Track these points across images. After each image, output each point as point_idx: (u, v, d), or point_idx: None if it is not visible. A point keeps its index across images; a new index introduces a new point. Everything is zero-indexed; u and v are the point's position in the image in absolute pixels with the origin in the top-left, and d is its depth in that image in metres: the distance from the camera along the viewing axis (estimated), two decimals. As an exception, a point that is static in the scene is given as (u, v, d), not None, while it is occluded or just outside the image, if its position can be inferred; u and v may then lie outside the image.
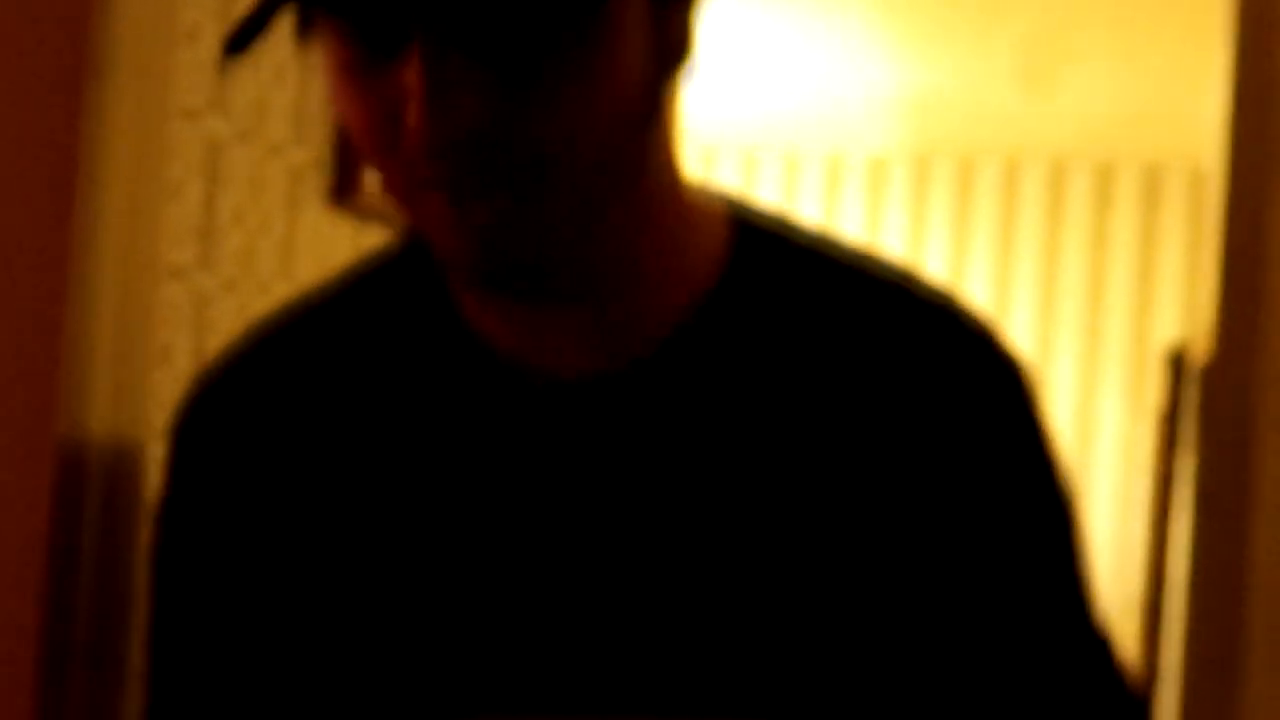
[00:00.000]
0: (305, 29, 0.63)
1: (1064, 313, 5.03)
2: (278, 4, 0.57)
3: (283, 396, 0.70)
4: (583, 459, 0.65)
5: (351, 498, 0.68)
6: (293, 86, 1.27)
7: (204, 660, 0.72)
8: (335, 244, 1.38)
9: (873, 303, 0.67)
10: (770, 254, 0.68)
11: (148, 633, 0.76)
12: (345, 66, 0.58)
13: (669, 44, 0.61)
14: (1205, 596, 1.78)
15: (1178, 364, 2.11)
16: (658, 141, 0.64)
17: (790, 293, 0.67)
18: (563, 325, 0.64)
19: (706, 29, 2.32)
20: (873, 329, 0.66)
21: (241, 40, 0.60)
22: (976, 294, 5.19)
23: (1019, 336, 5.06)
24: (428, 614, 0.67)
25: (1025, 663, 0.66)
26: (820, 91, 4.57)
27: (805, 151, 5.42)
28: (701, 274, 0.66)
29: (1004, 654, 0.65)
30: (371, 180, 1.38)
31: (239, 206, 1.20)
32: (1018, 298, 5.17)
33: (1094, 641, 0.68)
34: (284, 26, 0.63)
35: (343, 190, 1.36)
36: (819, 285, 0.67)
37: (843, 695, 0.64)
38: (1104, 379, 4.87)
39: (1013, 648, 0.66)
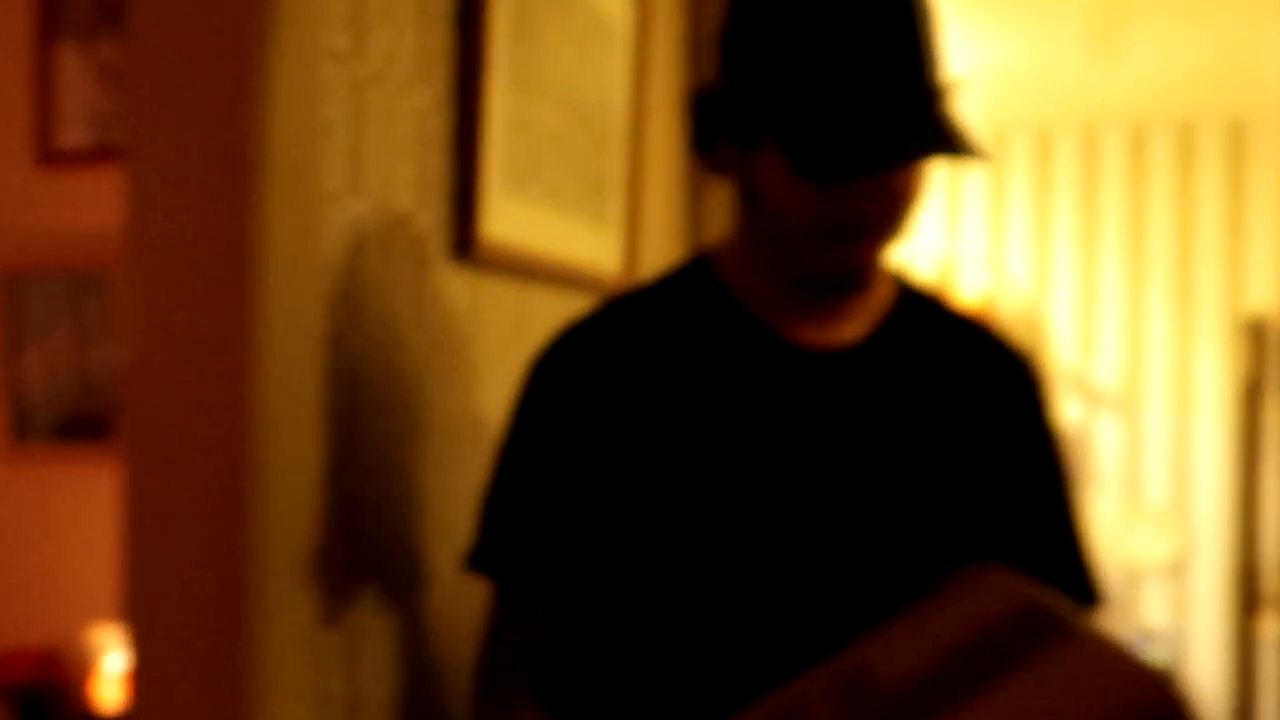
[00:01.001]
0: (752, 146, 1.08)
1: (1153, 275, 5.01)
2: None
3: (624, 345, 1.16)
4: (834, 393, 1.14)
5: (667, 417, 1.12)
6: (414, 159, 1.42)
7: (555, 491, 1.15)
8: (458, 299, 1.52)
9: (963, 322, 1.23)
10: (913, 294, 1.22)
11: (511, 462, 1.19)
12: (794, 181, 1.05)
13: None
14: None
15: (1260, 334, 2.16)
16: None
17: (927, 315, 1.21)
18: (826, 317, 1.15)
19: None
20: (966, 335, 1.22)
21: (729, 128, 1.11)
22: (1063, 263, 5.20)
23: (1108, 301, 5.06)
24: (710, 497, 1.10)
25: (1039, 536, 1.19)
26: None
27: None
28: (888, 298, 1.19)
29: (1025, 523, 1.18)
30: (487, 234, 1.52)
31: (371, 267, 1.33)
32: (1105, 264, 5.16)
33: (1076, 534, 1.21)
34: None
35: (463, 247, 1.50)
36: (939, 313, 1.23)
37: (945, 543, 1.12)
38: (1197, 342, 4.83)
39: (1032, 526, 1.19)
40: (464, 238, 1.48)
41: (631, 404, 1.13)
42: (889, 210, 1.07)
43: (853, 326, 1.16)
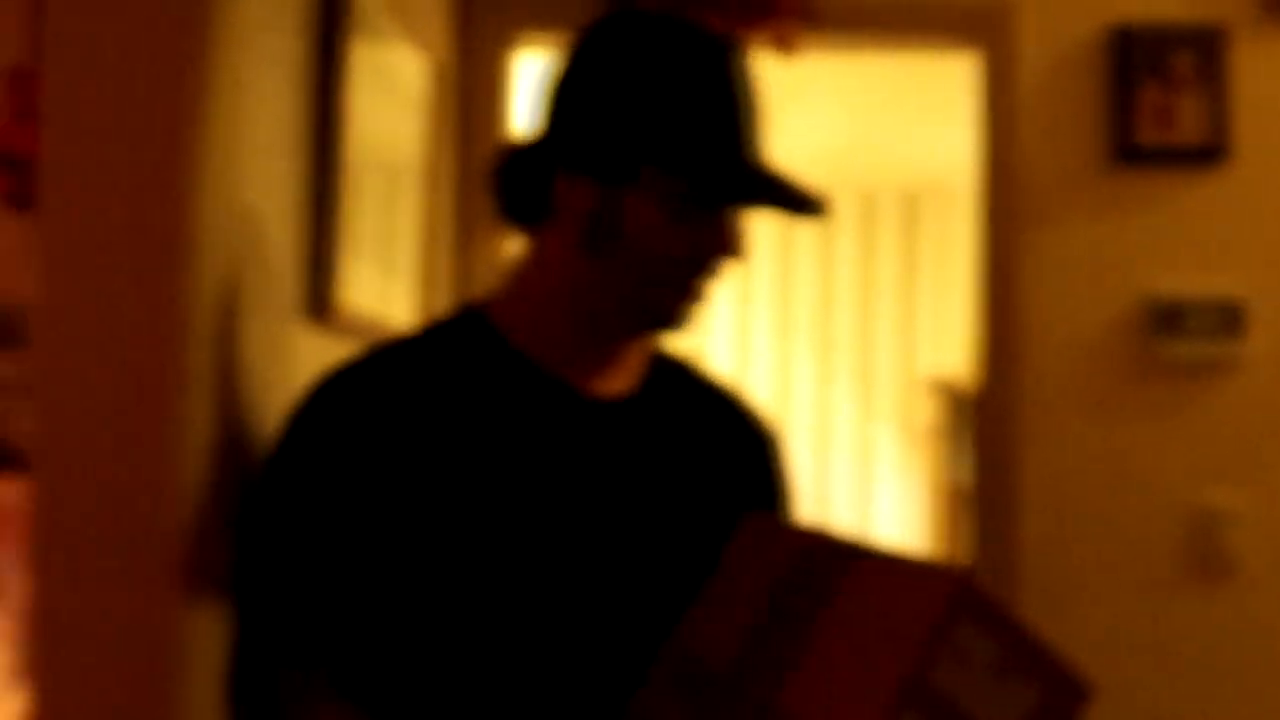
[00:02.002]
0: (625, 181, 1.12)
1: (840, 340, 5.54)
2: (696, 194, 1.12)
3: (397, 396, 1.14)
4: (616, 440, 1.20)
5: (450, 465, 1.12)
6: (284, 221, 1.45)
7: (344, 565, 1.12)
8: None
9: (708, 384, 1.32)
10: (666, 358, 1.29)
11: (275, 546, 1.15)
12: (678, 211, 1.11)
13: None
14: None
15: (949, 393, 2.53)
16: None
17: (677, 370, 1.29)
18: (603, 367, 1.19)
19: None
20: (711, 396, 1.31)
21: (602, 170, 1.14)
22: (760, 327, 5.59)
23: (800, 358, 5.52)
24: (503, 547, 1.11)
25: None
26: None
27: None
28: (645, 353, 1.24)
29: None
30: (340, 297, 1.57)
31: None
32: (798, 329, 5.63)
33: None
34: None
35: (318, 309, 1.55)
36: (685, 368, 1.31)
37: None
38: (877, 398, 5.41)
39: None
40: (320, 300, 1.54)
41: (412, 453, 1.13)
42: (736, 253, 1.15)
43: (623, 378, 1.22)
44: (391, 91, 1.88)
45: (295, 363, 1.51)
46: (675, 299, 1.16)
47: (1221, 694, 2.36)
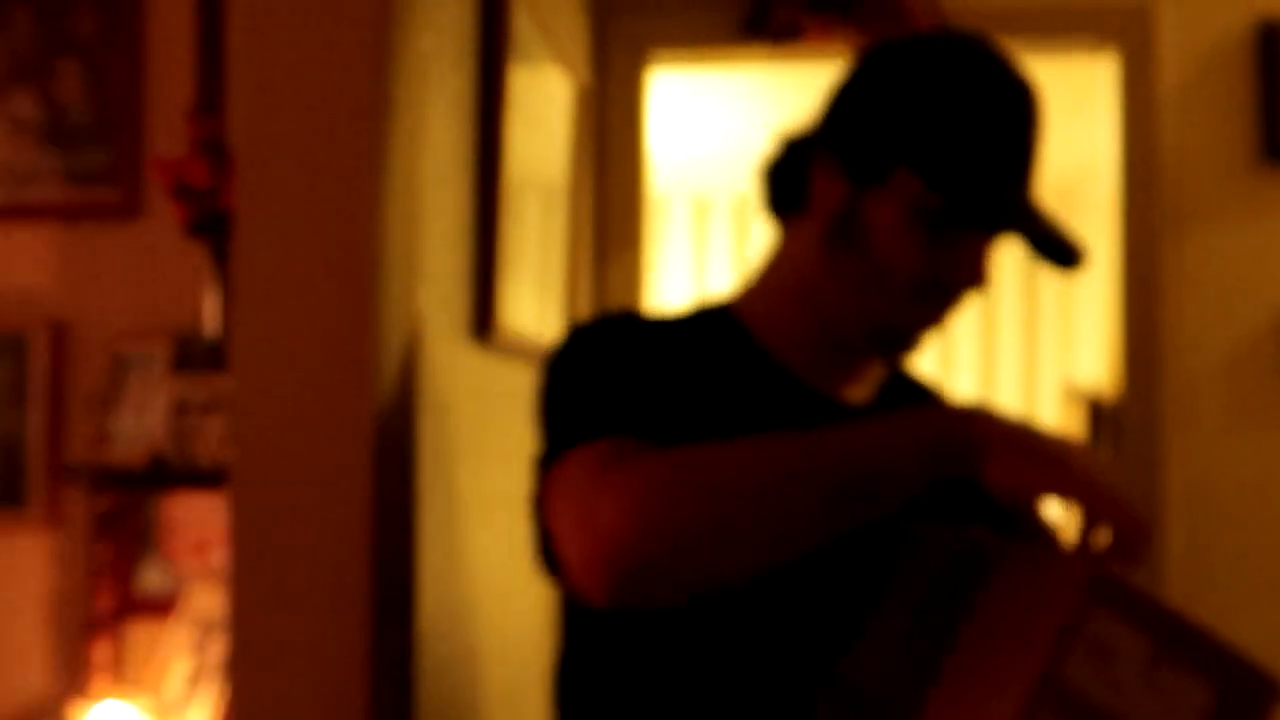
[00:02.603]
0: (874, 181, 1.09)
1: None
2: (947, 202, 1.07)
3: (654, 346, 1.11)
4: None
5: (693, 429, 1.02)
6: (451, 251, 1.51)
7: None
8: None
9: (921, 387, 1.29)
10: (900, 373, 1.27)
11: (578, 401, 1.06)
12: (917, 219, 1.07)
13: None
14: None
15: (1088, 403, 2.50)
16: None
17: (909, 383, 1.27)
18: (845, 375, 1.17)
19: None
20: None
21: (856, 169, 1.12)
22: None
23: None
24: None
25: None
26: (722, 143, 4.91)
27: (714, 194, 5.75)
28: (883, 368, 1.21)
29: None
30: (501, 319, 1.62)
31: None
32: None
33: None
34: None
35: (482, 330, 1.59)
36: (923, 392, 1.28)
37: None
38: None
39: None
40: (484, 322, 1.58)
41: (669, 404, 1.06)
42: (977, 283, 1.10)
43: (862, 389, 1.19)
44: (543, 115, 1.93)
45: (463, 383, 1.56)
46: (906, 316, 1.11)
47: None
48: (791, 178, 1.16)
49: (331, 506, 1.23)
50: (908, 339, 1.13)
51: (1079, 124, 2.27)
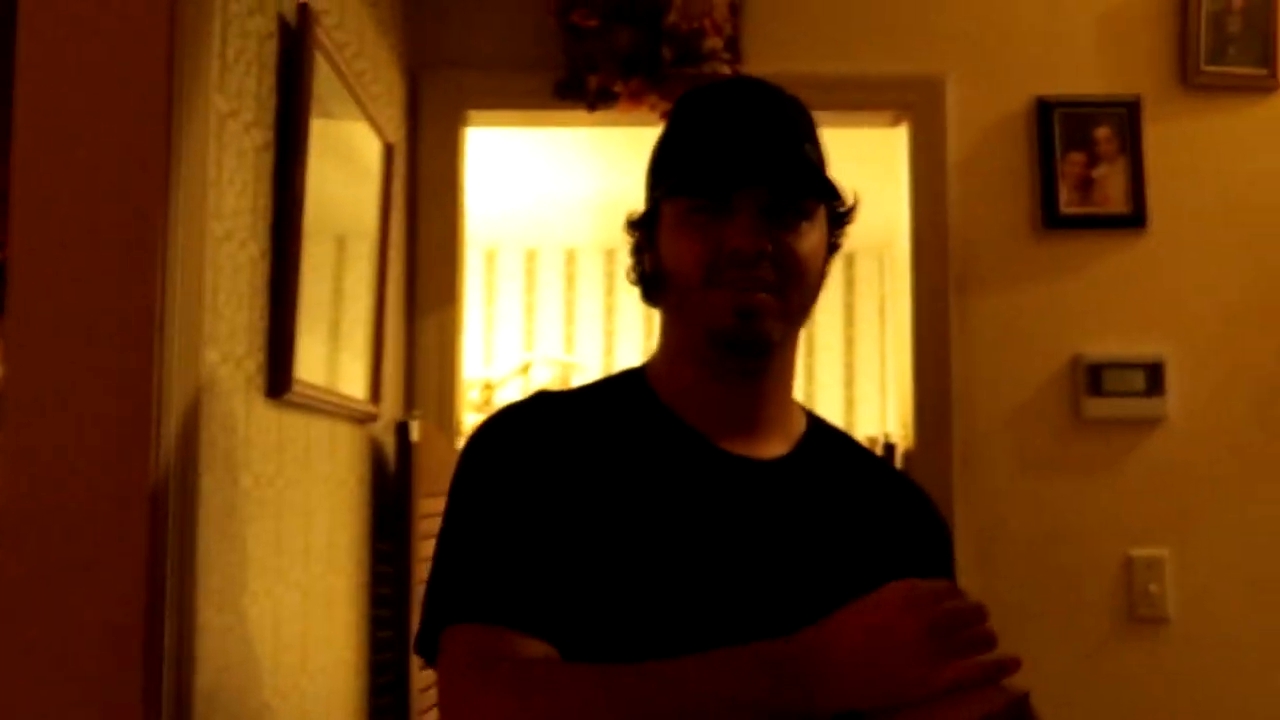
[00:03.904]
0: (660, 201, 1.21)
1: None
2: (660, 196, 1.21)
3: (561, 431, 1.17)
4: (760, 498, 1.19)
5: (603, 506, 1.13)
6: (247, 308, 1.52)
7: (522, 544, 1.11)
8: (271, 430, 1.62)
9: (864, 452, 1.34)
10: (822, 425, 1.32)
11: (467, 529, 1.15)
12: (686, 223, 1.17)
13: (831, 245, 1.26)
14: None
15: (885, 451, 2.62)
16: (798, 332, 1.25)
17: (836, 443, 1.31)
18: (751, 432, 1.22)
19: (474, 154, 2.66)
20: (869, 464, 1.33)
21: (641, 225, 1.26)
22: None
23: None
24: (647, 589, 1.11)
25: None
26: (547, 195, 4.97)
27: (536, 242, 5.80)
28: (800, 428, 1.28)
29: None
30: (297, 375, 1.63)
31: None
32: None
33: None
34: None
35: (277, 387, 1.60)
36: (847, 442, 1.33)
37: None
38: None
39: None
40: (279, 380, 1.59)
41: (578, 480, 1.14)
42: (765, 250, 1.15)
43: (774, 446, 1.23)
44: (349, 171, 1.95)
45: (257, 440, 1.56)
46: (717, 304, 1.17)
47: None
48: (639, 268, 1.28)
49: (106, 566, 1.22)
50: (740, 330, 1.17)
51: (886, 190, 2.41)
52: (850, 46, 2.58)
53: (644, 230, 1.25)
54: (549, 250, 5.86)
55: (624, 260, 1.30)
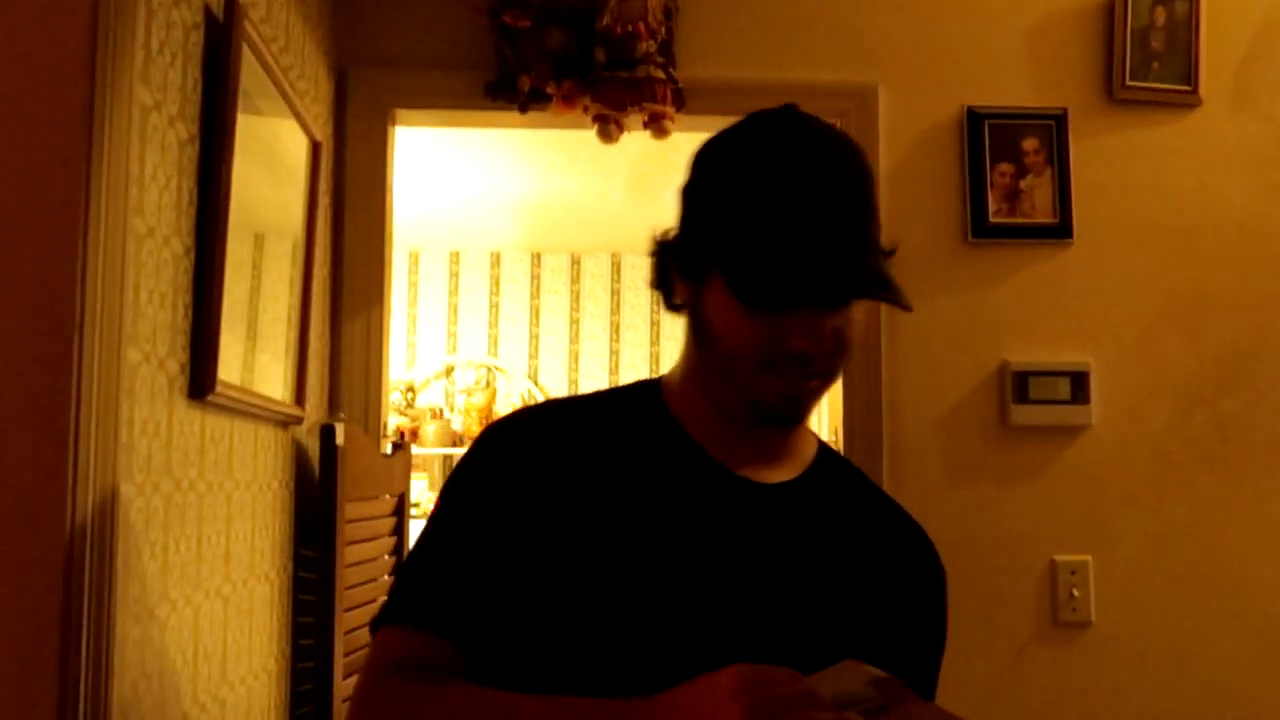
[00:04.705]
0: (702, 279, 1.15)
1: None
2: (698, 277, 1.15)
3: (571, 438, 1.17)
4: (764, 522, 1.17)
5: (601, 515, 1.13)
6: (169, 307, 1.47)
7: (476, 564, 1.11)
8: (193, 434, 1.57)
9: (871, 487, 1.30)
10: (832, 454, 1.29)
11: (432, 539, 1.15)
12: (746, 311, 1.10)
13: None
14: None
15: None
16: None
17: (844, 473, 1.28)
18: (760, 456, 1.20)
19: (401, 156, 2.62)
20: (874, 499, 1.29)
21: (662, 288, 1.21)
22: (588, 362, 5.70)
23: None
24: (636, 601, 1.10)
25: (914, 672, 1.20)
26: (472, 197, 4.92)
27: (460, 244, 5.74)
28: (811, 453, 1.26)
29: (906, 665, 1.16)
30: (221, 376, 1.58)
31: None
32: (626, 366, 5.73)
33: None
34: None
35: (199, 389, 1.56)
36: (854, 474, 1.30)
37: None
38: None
39: (911, 666, 1.19)
40: (202, 381, 1.54)
41: (569, 493, 1.14)
42: (825, 349, 1.12)
43: (782, 471, 1.22)
44: (274, 168, 1.90)
45: (179, 442, 1.51)
46: (766, 389, 1.13)
47: (1076, 744, 2.47)
48: (662, 279, 1.22)
49: (20, 574, 1.17)
50: (783, 411, 1.16)
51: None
52: (783, 53, 2.58)
53: (687, 274, 1.17)
54: (474, 252, 5.82)
55: (550, 263, 1.26)
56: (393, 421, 4.85)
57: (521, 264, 5.83)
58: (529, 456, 1.15)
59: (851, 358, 1.17)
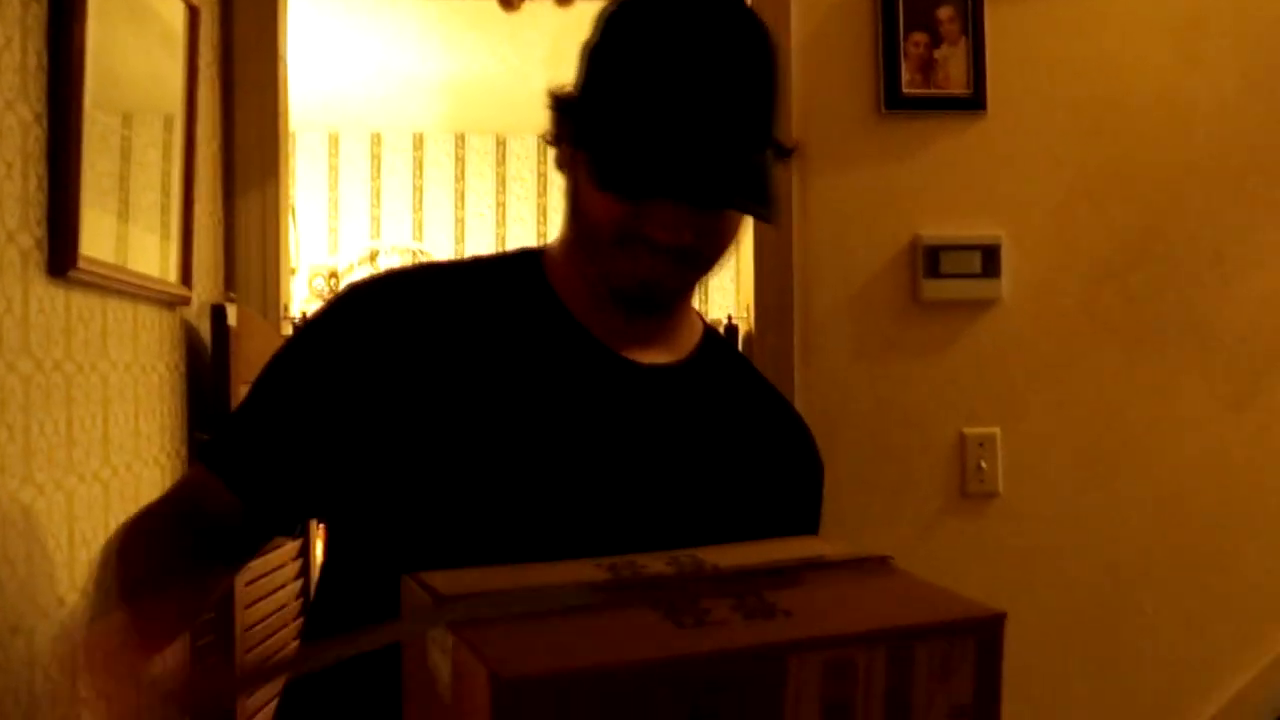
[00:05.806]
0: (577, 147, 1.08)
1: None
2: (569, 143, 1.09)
3: (426, 302, 1.11)
4: (640, 403, 1.13)
5: (465, 384, 1.07)
6: (19, 177, 1.39)
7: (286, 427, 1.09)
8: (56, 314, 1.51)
9: (755, 375, 1.27)
10: (718, 340, 1.26)
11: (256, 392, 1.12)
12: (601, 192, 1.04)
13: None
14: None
15: (731, 335, 2.60)
16: None
17: (730, 360, 1.26)
18: (639, 336, 1.15)
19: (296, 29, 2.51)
20: (756, 388, 1.25)
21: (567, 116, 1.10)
22: (513, 241, 5.63)
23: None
24: (501, 473, 1.06)
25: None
26: (390, 74, 4.78)
27: (381, 125, 5.59)
28: (696, 339, 1.21)
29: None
30: (83, 253, 1.51)
31: None
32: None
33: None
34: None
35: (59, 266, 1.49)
36: (740, 362, 1.27)
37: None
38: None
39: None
40: (62, 257, 1.47)
41: (429, 360, 1.09)
42: (684, 242, 1.06)
43: (660, 354, 1.17)
44: (144, 33, 1.80)
45: (39, 322, 1.45)
46: (622, 269, 1.08)
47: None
48: (555, 135, 1.14)
49: None
50: (639, 294, 1.09)
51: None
52: (692, -84, 2.48)
53: (569, 140, 1.11)
54: (395, 133, 5.67)
55: (474, 145, 1.19)
56: (313, 307, 4.77)
57: (445, 146, 5.70)
58: (386, 318, 1.10)
59: (726, 254, 1.11)
